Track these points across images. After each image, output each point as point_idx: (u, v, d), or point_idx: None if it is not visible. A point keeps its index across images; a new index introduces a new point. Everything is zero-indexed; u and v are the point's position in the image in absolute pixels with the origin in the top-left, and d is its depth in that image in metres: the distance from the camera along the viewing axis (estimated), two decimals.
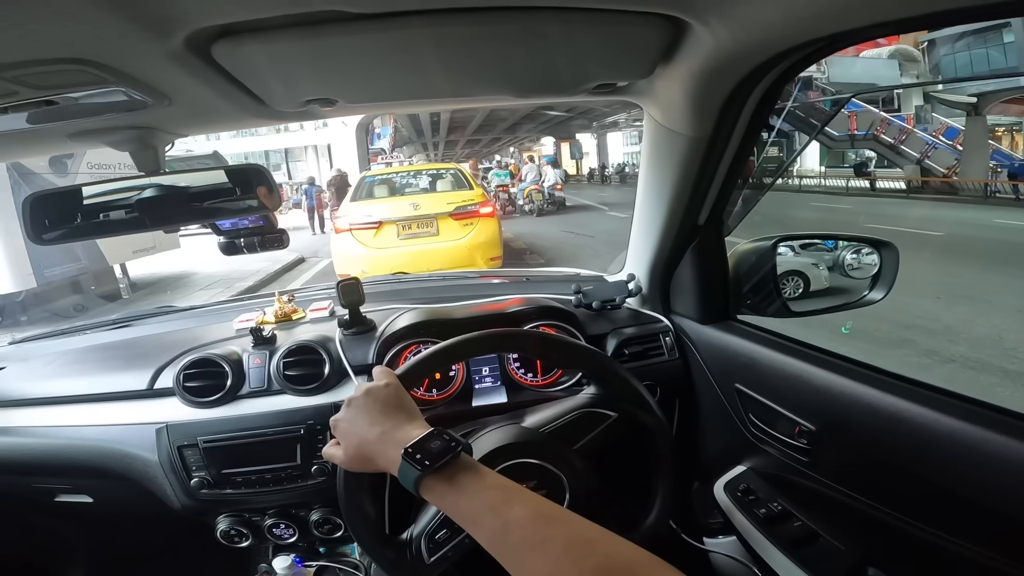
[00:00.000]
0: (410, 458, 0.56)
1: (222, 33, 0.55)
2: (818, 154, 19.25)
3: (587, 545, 0.46)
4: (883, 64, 13.46)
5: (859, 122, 14.96)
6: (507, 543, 0.49)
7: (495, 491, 0.53)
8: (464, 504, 0.53)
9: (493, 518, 0.51)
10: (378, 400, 0.65)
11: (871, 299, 0.98)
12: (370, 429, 0.62)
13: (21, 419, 1.09)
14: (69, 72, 0.53)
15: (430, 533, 0.76)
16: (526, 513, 0.50)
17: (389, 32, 0.59)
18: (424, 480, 0.55)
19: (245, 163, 0.83)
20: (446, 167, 6.99)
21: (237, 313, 1.27)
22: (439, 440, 0.58)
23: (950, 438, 0.62)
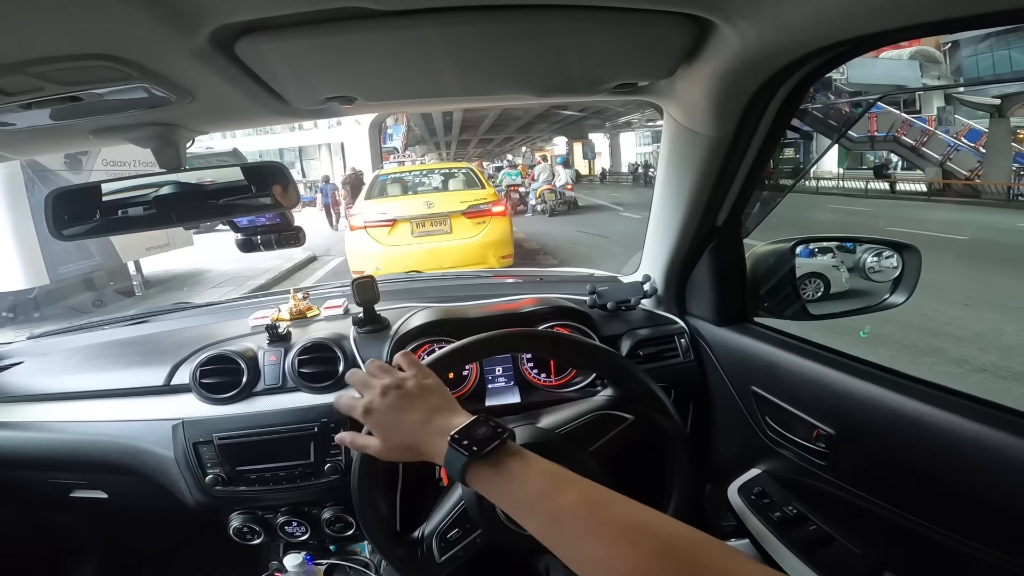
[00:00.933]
0: (457, 444, 0.56)
1: (245, 30, 0.55)
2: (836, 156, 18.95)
3: (643, 528, 0.45)
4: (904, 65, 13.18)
5: (879, 123, 14.65)
6: (559, 529, 0.48)
7: (544, 477, 0.53)
8: (513, 490, 0.53)
9: (544, 504, 0.50)
10: (421, 388, 0.64)
11: (892, 303, 0.96)
12: (413, 417, 0.61)
13: (38, 414, 1.11)
14: (95, 68, 0.53)
15: (442, 532, 0.76)
16: (578, 498, 0.49)
17: (410, 30, 0.58)
18: (471, 467, 0.54)
19: (264, 160, 0.83)
20: (458, 166, 7.10)
21: (253, 310, 1.28)
22: (485, 427, 0.57)
23: (974, 443, 0.61)
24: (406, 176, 6.72)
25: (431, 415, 0.61)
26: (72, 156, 5.84)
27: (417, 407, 0.62)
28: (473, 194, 5.81)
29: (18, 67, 0.51)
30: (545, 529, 0.49)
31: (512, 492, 0.53)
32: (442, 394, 0.64)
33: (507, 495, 0.53)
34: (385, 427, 0.62)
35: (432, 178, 6.74)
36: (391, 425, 0.62)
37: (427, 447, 0.59)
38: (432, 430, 0.59)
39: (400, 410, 0.62)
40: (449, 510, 0.77)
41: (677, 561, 0.41)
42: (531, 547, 0.75)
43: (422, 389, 0.64)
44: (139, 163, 5.97)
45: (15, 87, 0.55)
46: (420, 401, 0.62)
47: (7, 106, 0.59)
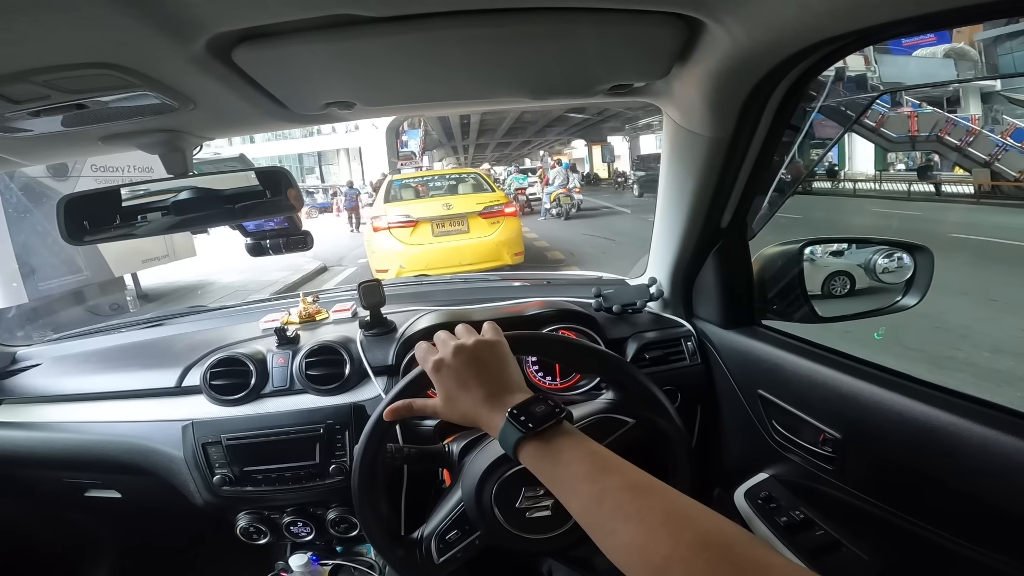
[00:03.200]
0: (515, 419, 0.56)
1: (242, 38, 0.57)
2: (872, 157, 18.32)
3: (685, 518, 0.45)
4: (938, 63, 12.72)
5: (920, 123, 13.85)
6: (601, 511, 0.49)
7: (592, 458, 0.53)
8: (560, 470, 0.53)
9: (589, 485, 0.51)
10: (493, 357, 0.64)
11: (904, 305, 0.94)
12: (479, 385, 0.61)
13: (56, 415, 1.14)
14: (97, 76, 0.55)
15: (441, 533, 0.76)
16: (623, 482, 0.50)
17: (404, 35, 0.59)
18: (524, 443, 0.55)
19: (269, 165, 0.85)
20: (467, 172, 7.64)
21: (264, 313, 1.30)
22: (544, 405, 0.58)
23: (982, 447, 0.59)
24: (420, 181, 7.07)
25: (495, 386, 0.61)
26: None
27: (484, 375, 0.62)
28: (487, 196, 6.26)
29: (23, 76, 0.53)
30: (587, 510, 0.50)
31: (559, 471, 0.53)
32: (511, 368, 0.64)
33: (554, 473, 0.54)
34: (448, 387, 0.63)
35: (444, 182, 7.15)
36: (454, 387, 0.62)
37: (483, 417, 0.60)
38: (492, 401, 0.60)
39: (467, 374, 0.62)
40: (449, 511, 0.77)
41: (714, 552, 0.41)
42: (530, 550, 0.75)
43: (494, 358, 0.64)
44: (134, 168, 5.74)
45: (22, 95, 0.57)
46: (488, 370, 0.63)
47: (16, 114, 0.61)
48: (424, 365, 0.66)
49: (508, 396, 0.60)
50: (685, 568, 0.41)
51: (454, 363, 0.63)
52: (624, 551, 0.46)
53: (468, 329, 0.68)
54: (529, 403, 0.58)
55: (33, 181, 5.16)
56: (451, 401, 0.63)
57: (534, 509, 0.73)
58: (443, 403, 0.63)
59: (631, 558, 0.45)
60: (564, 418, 0.57)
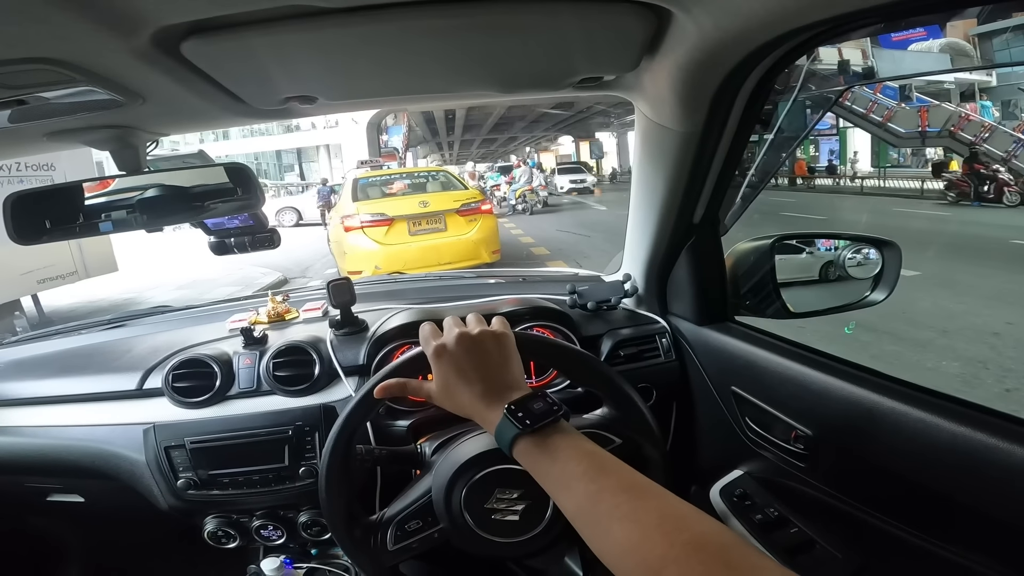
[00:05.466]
0: (512, 415, 0.55)
1: (191, 30, 0.54)
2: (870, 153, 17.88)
3: (680, 520, 0.45)
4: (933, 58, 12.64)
5: (931, 118, 13.39)
6: (596, 511, 0.48)
7: (589, 458, 0.53)
8: (556, 468, 0.53)
9: (585, 484, 0.50)
10: (498, 348, 0.63)
11: (873, 300, 0.95)
12: (479, 377, 0.60)
13: (11, 419, 1.10)
14: (35, 72, 0.52)
15: (401, 520, 0.74)
16: (619, 483, 0.50)
17: (362, 27, 0.57)
18: (520, 439, 0.55)
19: (228, 162, 0.82)
20: (436, 170, 7.60)
21: (231, 313, 1.27)
22: (542, 402, 0.57)
23: (951, 444, 0.60)
24: (390, 179, 6.89)
25: (494, 380, 0.60)
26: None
27: (484, 367, 0.61)
28: (463, 194, 6.21)
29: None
30: (582, 509, 0.50)
31: (554, 469, 0.53)
32: (513, 363, 0.63)
33: (549, 471, 0.53)
34: (447, 375, 0.61)
35: (415, 180, 6.93)
36: (453, 375, 0.61)
37: (479, 410, 0.59)
38: (490, 396, 0.59)
39: (467, 364, 0.61)
40: (414, 500, 0.76)
41: (708, 554, 0.42)
42: (490, 552, 0.73)
43: (497, 350, 0.63)
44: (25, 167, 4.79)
45: None
46: (489, 362, 0.61)
47: None
48: (425, 348, 0.64)
49: (507, 391, 0.59)
50: (679, 569, 0.41)
51: (456, 350, 0.62)
52: (618, 551, 0.46)
53: (478, 318, 0.67)
54: (527, 400, 0.57)
55: None
56: (447, 389, 0.61)
57: (503, 512, 0.72)
58: (439, 390, 0.62)
59: (625, 558, 0.45)
60: (562, 416, 0.56)
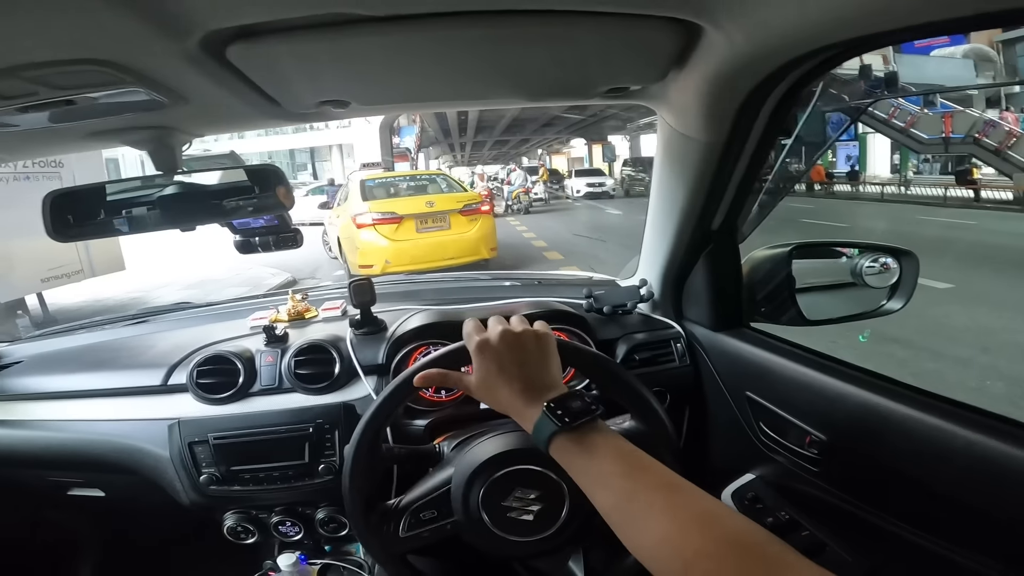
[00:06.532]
0: (551, 413, 0.57)
1: (237, 35, 0.56)
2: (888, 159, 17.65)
3: (716, 517, 0.46)
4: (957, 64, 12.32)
5: (956, 124, 12.93)
6: (632, 506, 0.50)
7: (626, 456, 0.54)
8: (593, 465, 0.54)
9: (621, 481, 0.52)
10: (539, 347, 0.64)
11: (889, 309, 0.96)
12: (519, 373, 0.62)
13: (37, 413, 1.12)
14: (87, 73, 0.54)
15: (416, 509, 0.75)
16: (656, 481, 0.51)
17: (401, 34, 0.59)
18: (558, 437, 0.56)
19: (261, 163, 0.84)
20: (436, 173, 8.42)
21: (252, 311, 1.29)
22: (580, 401, 0.58)
23: (966, 450, 0.61)
24: (394, 180, 7.41)
25: (534, 378, 0.62)
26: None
27: (525, 364, 0.62)
28: (465, 196, 6.74)
29: (12, 72, 0.52)
30: (618, 505, 0.51)
31: (591, 466, 0.54)
32: (552, 363, 0.65)
33: (586, 468, 0.55)
34: (488, 369, 0.63)
35: (418, 182, 7.49)
36: (494, 370, 0.62)
37: (516, 407, 0.61)
38: (529, 393, 0.60)
39: (509, 360, 0.62)
40: (432, 489, 0.77)
41: (744, 549, 0.43)
42: (499, 550, 0.74)
43: (539, 350, 0.64)
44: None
45: (9, 91, 0.56)
46: (530, 360, 0.63)
47: (4, 109, 0.60)
48: (468, 342, 0.66)
49: (545, 390, 0.60)
50: (714, 563, 0.43)
51: (499, 346, 0.63)
52: (654, 545, 0.47)
53: (521, 319, 0.69)
54: (566, 398, 0.59)
55: None
56: (487, 383, 0.63)
57: (518, 511, 0.73)
58: (478, 383, 0.63)
59: (660, 552, 0.46)
60: (599, 415, 0.58)
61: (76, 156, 5.10)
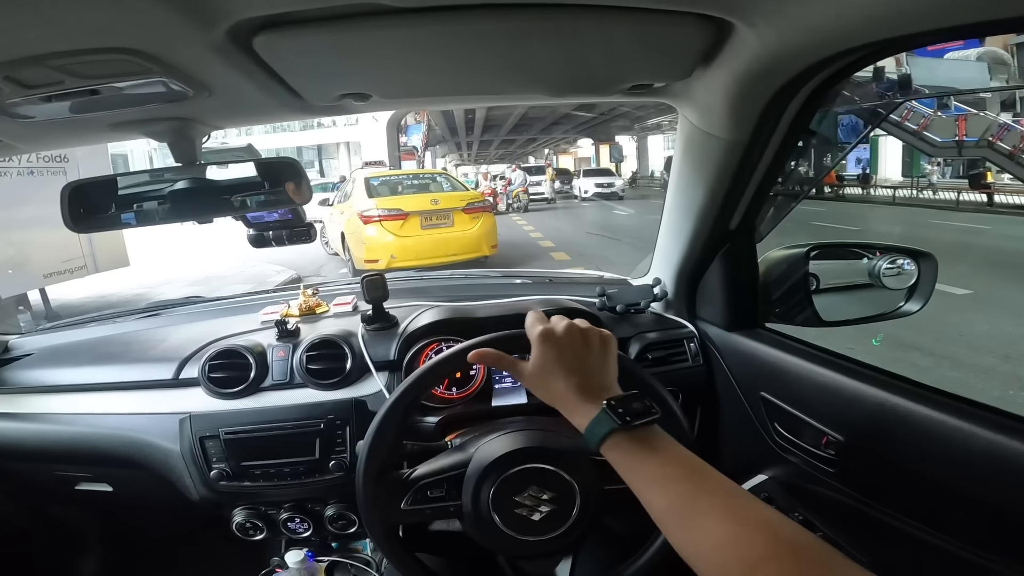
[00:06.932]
0: (612, 410, 0.56)
1: (264, 25, 0.55)
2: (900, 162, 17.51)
3: (778, 523, 0.47)
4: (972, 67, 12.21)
5: (969, 127, 12.73)
6: (692, 508, 0.50)
7: (687, 459, 0.54)
8: (655, 464, 0.54)
9: (682, 484, 0.52)
10: (602, 347, 0.64)
11: (907, 311, 0.96)
12: (580, 368, 0.61)
13: (47, 406, 1.11)
14: (115, 62, 0.53)
15: (425, 485, 0.74)
16: (717, 485, 0.51)
17: (427, 27, 0.58)
18: (615, 434, 0.55)
19: (278, 157, 0.84)
20: (437, 172, 8.87)
21: (262, 305, 1.28)
22: (640, 402, 0.58)
23: (986, 451, 0.60)
24: (398, 179, 7.59)
25: (593, 376, 0.61)
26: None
27: (587, 361, 0.62)
28: (467, 194, 7.03)
29: (40, 60, 0.51)
30: (675, 507, 0.51)
31: (649, 467, 0.54)
32: (611, 365, 0.64)
33: (642, 468, 0.54)
34: (547, 359, 0.62)
35: (420, 180, 7.68)
36: (554, 361, 0.61)
37: (571, 401, 0.60)
38: (587, 390, 0.60)
39: (571, 354, 0.62)
40: (445, 468, 0.75)
41: (806, 555, 0.43)
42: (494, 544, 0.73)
43: (601, 349, 0.64)
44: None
45: (36, 80, 0.55)
46: (591, 358, 0.62)
47: (27, 98, 0.59)
48: (531, 331, 0.65)
49: (602, 390, 0.60)
50: (778, 567, 0.43)
51: (563, 338, 0.63)
52: (713, 547, 0.47)
53: (583, 320, 0.68)
54: (625, 399, 0.58)
55: None
56: (544, 373, 0.62)
57: (527, 509, 0.72)
58: (534, 371, 0.62)
59: (721, 554, 0.46)
60: (657, 419, 0.58)
61: (82, 152, 5.09)
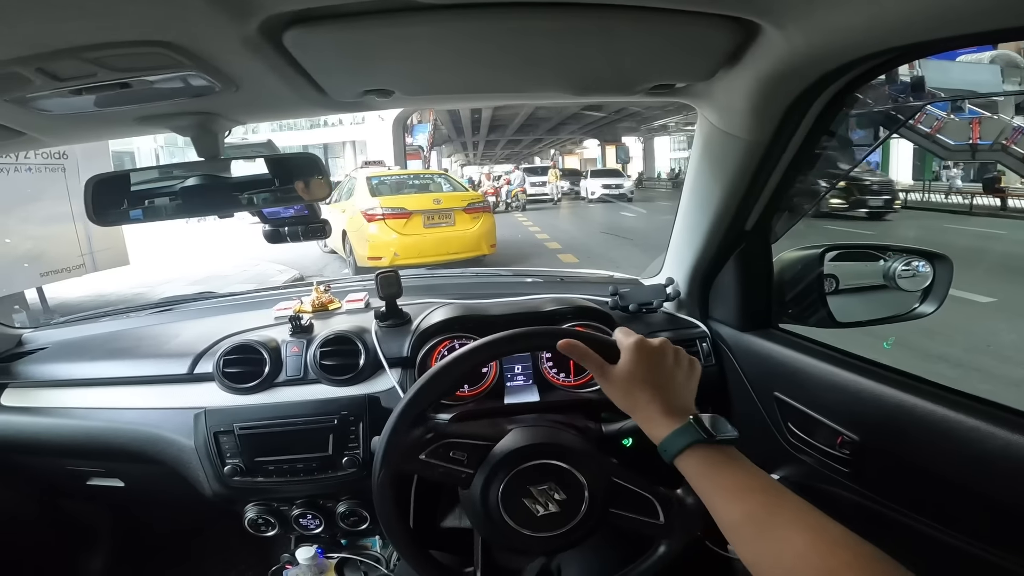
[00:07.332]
0: (699, 424, 0.59)
1: (294, 20, 0.56)
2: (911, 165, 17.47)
3: (853, 536, 0.48)
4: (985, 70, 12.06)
5: (983, 131, 12.37)
6: (773, 520, 0.52)
7: (764, 476, 0.56)
8: (735, 476, 0.56)
9: (762, 496, 0.54)
10: (692, 370, 0.67)
11: (921, 312, 0.96)
12: (667, 383, 0.63)
13: (61, 400, 1.11)
14: (148, 55, 0.54)
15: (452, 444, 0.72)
16: (796, 500, 0.53)
17: (457, 24, 0.59)
18: (697, 447, 0.58)
19: (298, 152, 0.84)
20: (437, 172, 9.15)
21: (275, 301, 1.29)
22: (720, 423, 0.61)
23: (1004, 451, 0.60)
24: (398, 178, 7.74)
25: (678, 393, 0.63)
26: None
27: (673, 378, 0.64)
28: (468, 195, 7.23)
29: (74, 52, 0.51)
30: (755, 517, 0.53)
31: (731, 478, 0.56)
32: (694, 388, 0.66)
33: (722, 480, 0.57)
34: (636, 366, 0.64)
35: (421, 180, 7.88)
36: (642, 369, 0.63)
37: (651, 411, 0.62)
38: (671, 404, 0.62)
39: (661, 367, 0.64)
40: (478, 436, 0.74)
41: (882, 568, 0.45)
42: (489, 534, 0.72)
43: (691, 371, 0.66)
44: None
45: (68, 72, 0.56)
46: (679, 375, 0.65)
47: (57, 91, 0.60)
48: (624, 337, 0.67)
49: (685, 409, 0.62)
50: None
51: (657, 351, 0.65)
52: (795, 557, 0.49)
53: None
54: (708, 417, 0.61)
55: None
56: (631, 379, 0.63)
57: (533, 501, 0.70)
58: (621, 375, 0.64)
59: (803, 564, 0.48)
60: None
61: (82, 150, 5.04)
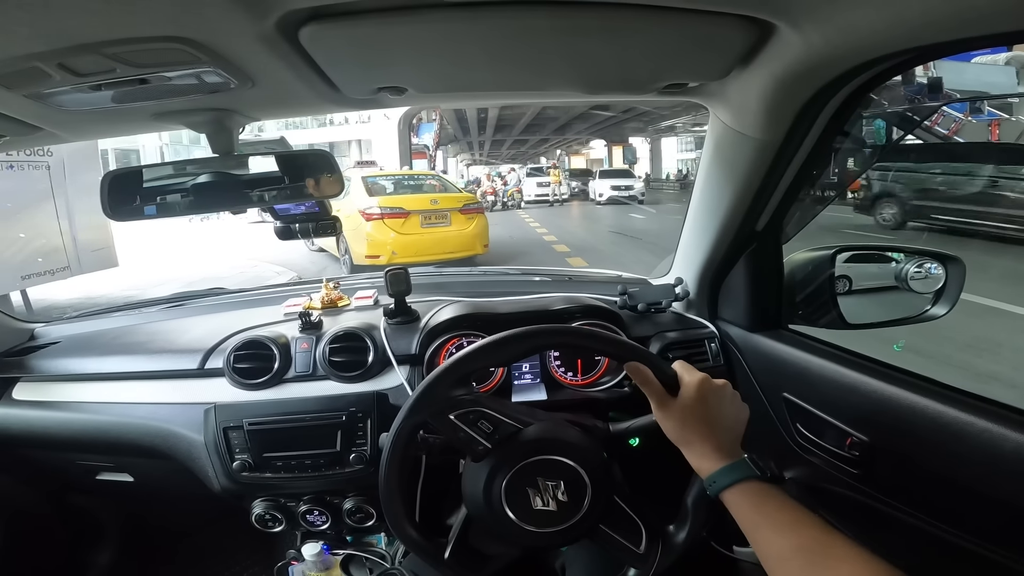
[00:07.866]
0: (753, 462, 0.63)
1: (311, 16, 0.56)
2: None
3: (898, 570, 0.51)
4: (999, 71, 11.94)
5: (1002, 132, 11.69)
6: (825, 552, 0.54)
7: (812, 514, 0.59)
8: (790, 511, 0.59)
9: (812, 530, 0.56)
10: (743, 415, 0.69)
11: (933, 314, 0.95)
12: (724, 424, 0.66)
13: (73, 394, 1.12)
14: (167, 51, 0.54)
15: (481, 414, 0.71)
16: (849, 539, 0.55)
17: (472, 21, 0.59)
18: (751, 482, 0.61)
19: (311, 148, 0.85)
20: (430, 173, 9.48)
21: (284, 298, 1.29)
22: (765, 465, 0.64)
23: (1015, 453, 0.60)
24: (393, 179, 7.85)
25: (730, 434, 0.67)
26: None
27: (729, 420, 0.67)
28: (463, 196, 7.43)
29: (95, 47, 0.52)
30: (805, 548, 0.55)
31: (784, 512, 0.59)
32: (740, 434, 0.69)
33: (777, 512, 0.59)
34: (693, 401, 0.66)
35: (416, 181, 8.04)
36: (700, 405, 0.66)
37: (704, 448, 0.65)
38: (723, 443, 0.65)
39: (720, 406, 0.67)
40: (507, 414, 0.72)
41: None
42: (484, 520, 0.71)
43: (742, 416, 0.69)
44: None
45: (88, 68, 0.56)
46: (733, 418, 0.68)
47: (77, 86, 0.60)
48: (687, 374, 0.69)
49: (735, 452, 0.65)
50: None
51: (718, 390, 0.68)
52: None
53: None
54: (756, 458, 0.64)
55: None
56: (689, 414, 0.66)
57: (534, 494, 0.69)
58: (680, 409, 0.67)
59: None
60: None
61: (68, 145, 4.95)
